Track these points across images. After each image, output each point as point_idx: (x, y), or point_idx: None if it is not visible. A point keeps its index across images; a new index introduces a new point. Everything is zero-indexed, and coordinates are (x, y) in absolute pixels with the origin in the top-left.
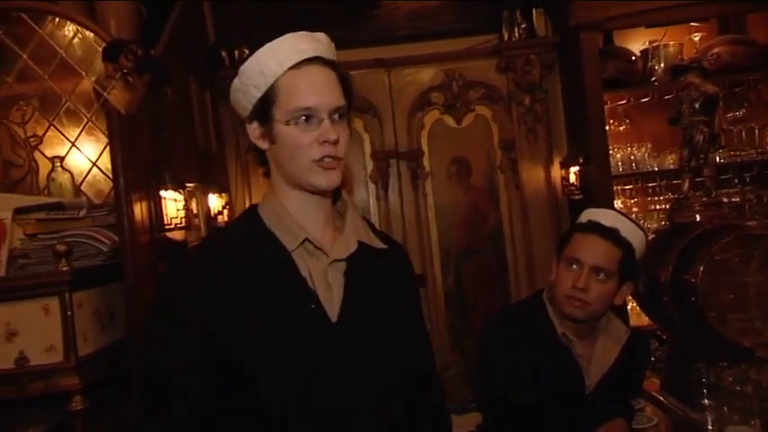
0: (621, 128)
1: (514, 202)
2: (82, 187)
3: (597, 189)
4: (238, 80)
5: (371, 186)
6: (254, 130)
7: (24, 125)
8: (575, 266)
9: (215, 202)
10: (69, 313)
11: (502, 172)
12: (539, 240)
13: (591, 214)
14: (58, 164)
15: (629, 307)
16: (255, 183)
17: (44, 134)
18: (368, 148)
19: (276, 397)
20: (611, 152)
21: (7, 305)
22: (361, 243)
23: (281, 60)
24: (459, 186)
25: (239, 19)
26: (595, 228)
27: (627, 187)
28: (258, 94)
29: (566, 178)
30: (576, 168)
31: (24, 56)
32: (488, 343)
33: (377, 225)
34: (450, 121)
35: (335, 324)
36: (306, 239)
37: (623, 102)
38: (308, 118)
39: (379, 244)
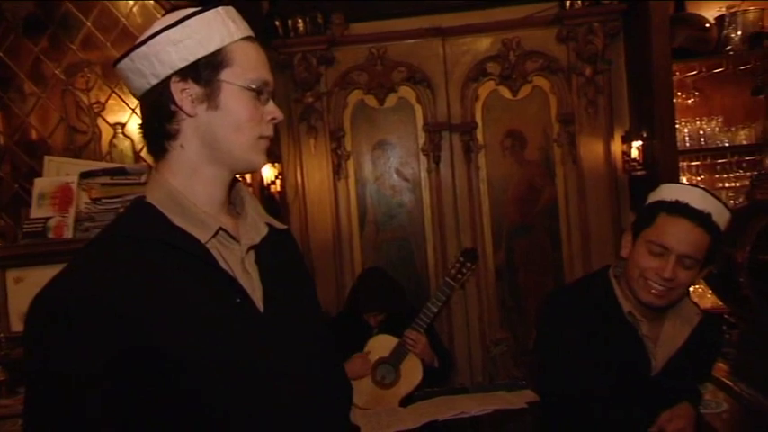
0: (690, 101)
1: (571, 178)
2: (141, 153)
3: (661, 165)
4: (177, 32)
5: (423, 159)
6: (184, 89)
7: (88, 92)
8: (658, 251)
9: (268, 171)
10: None
11: (559, 146)
12: (595, 218)
13: (676, 192)
14: (120, 130)
15: (691, 289)
16: (307, 153)
17: (106, 101)
18: (420, 120)
19: (216, 396)
20: (677, 126)
21: None
22: (269, 226)
23: (234, 28)
24: (513, 160)
25: None
26: (685, 211)
27: (694, 164)
28: (203, 53)
29: (627, 153)
30: (639, 143)
31: (88, 23)
32: (548, 320)
33: (427, 198)
34: (505, 92)
35: (263, 314)
36: (220, 229)
37: (693, 73)
38: (261, 92)
39: (279, 225)
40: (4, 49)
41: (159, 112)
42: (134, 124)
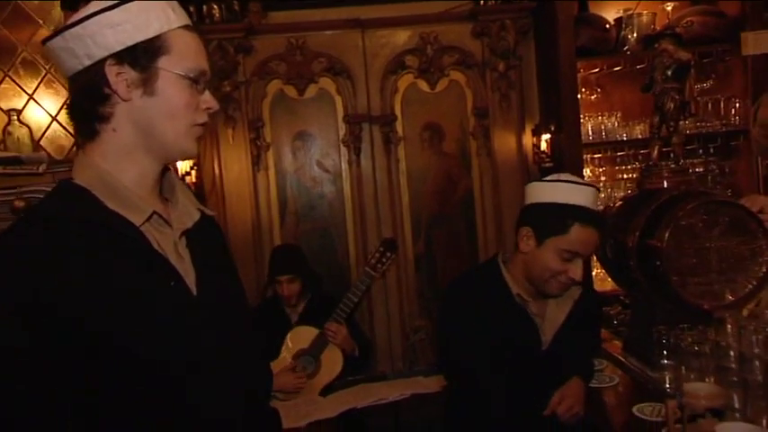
0: (593, 97)
1: (486, 170)
2: (41, 142)
3: (567, 157)
4: (116, 14)
5: (344, 150)
6: (119, 73)
7: None
8: (568, 257)
9: (182, 162)
10: None
11: (474, 139)
12: (509, 208)
13: (577, 196)
14: (15, 117)
15: (593, 273)
16: (224, 143)
17: None
18: (341, 111)
19: (147, 376)
20: (582, 121)
21: None
22: (201, 211)
23: (177, 14)
24: (431, 152)
25: None
26: (594, 220)
27: (596, 156)
28: (141, 38)
29: (537, 146)
30: (548, 136)
31: None
32: (446, 309)
33: (348, 189)
34: (424, 85)
35: (197, 297)
36: (154, 212)
37: (596, 70)
38: (197, 80)
39: (209, 211)
40: None
41: (92, 93)
42: (32, 111)
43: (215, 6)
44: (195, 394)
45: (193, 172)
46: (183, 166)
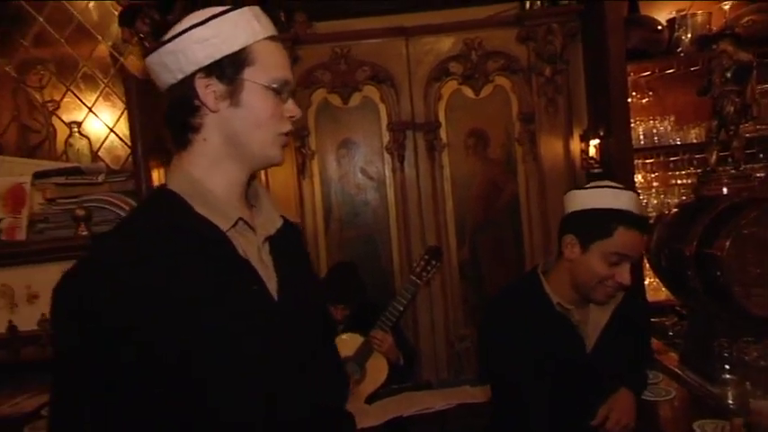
0: (644, 100)
1: (532, 176)
2: (99, 153)
3: (617, 163)
4: (204, 30)
5: (387, 158)
6: (208, 86)
7: (42, 90)
8: (616, 261)
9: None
10: None
11: (520, 144)
12: (555, 215)
13: (623, 201)
14: (76, 129)
15: (646, 282)
16: None
17: (61, 99)
18: (384, 119)
19: (225, 380)
20: (632, 125)
21: (28, 268)
22: (284, 218)
23: (261, 26)
24: (476, 159)
25: None
26: (639, 223)
27: (648, 161)
28: (227, 51)
29: (585, 151)
30: (596, 141)
31: (41, 19)
32: (488, 323)
33: (392, 196)
34: (468, 91)
35: (278, 303)
36: (240, 219)
37: (647, 73)
38: (281, 91)
39: (292, 219)
40: None
41: (184, 105)
42: (91, 123)
43: None
44: (268, 397)
45: None
46: None
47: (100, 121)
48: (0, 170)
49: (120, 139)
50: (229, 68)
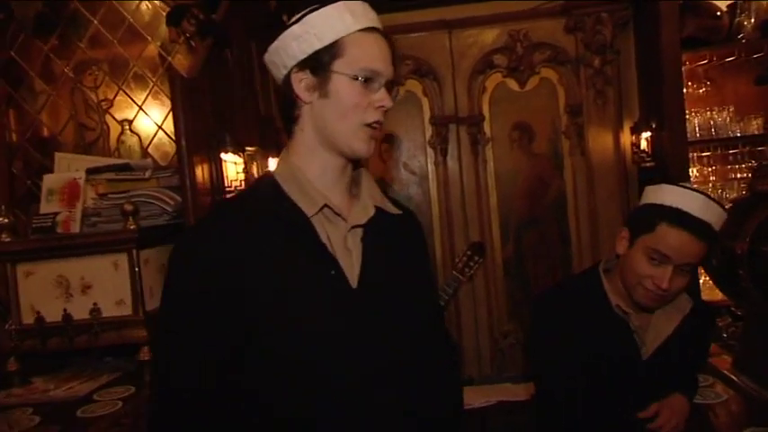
0: (701, 90)
1: (580, 170)
2: (149, 149)
3: (671, 156)
4: (299, 27)
5: (430, 152)
6: (301, 79)
7: (96, 89)
8: (656, 260)
9: (275, 165)
10: (137, 269)
11: (567, 138)
12: (605, 211)
13: (678, 198)
14: (127, 127)
15: (701, 281)
16: None
17: (114, 98)
18: (427, 113)
19: (295, 362)
20: (687, 116)
21: (82, 260)
22: (377, 209)
23: (351, 20)
24: (520, 153)
25: None
26: (687, 222)
27: (704, 154)
28: (319, 45)
29: (636, 144)
30: (648, 134)
31: (95, 21)
32: (537, 322)
33: (434, 191)
34: (513, 84)
35: (356, 290)
36: (325, 205)
37: (704, 62)
38: (370, 80)
39: (393, 209)
40: (15, 48)
41: (286, 98)
42: (141, 121)
43: None
44: (335, 378)
45: None
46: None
47: (149, 119)
48: (59, 166)
49: (168, 135)
50: (320, 61)
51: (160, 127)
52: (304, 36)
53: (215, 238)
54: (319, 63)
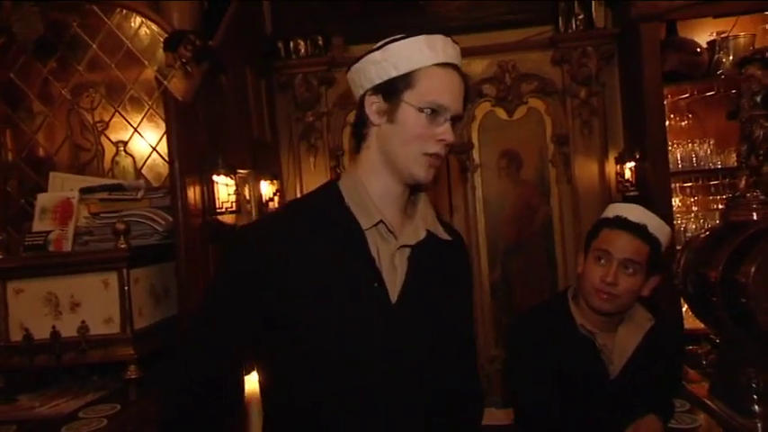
0: (683, 123)
1: (566, 198)
2: (142, 171)
3: (654, 186)
4: (379, 54)
5: None
6: (373, 103)
7: (92, 111)
8: (603, 260)
9: (266, 188)
10: (126, 288)
11: (554, 166)
12: None
13: (618, 209)
14: (122, 148)
15: (683, 309)
16: (306, 171)
17: (110, 120)
18: None
19: (322, 361)
20: (670, 148)
21: (72, 278)
22: (428, 232)
23: (429, 54)
24: (508, 180)
25: (295, 12)
26: (624, 224)
27: (687, 185)
28: (395, 74)
29: (621, 174)
30: (632, 164)
31: (94, 45)
32: (511, 343)
33: None
34: (501, 113)
35: (394, 305)
36: (380, 221)
37: (686, 96)
38: (435, 113)
39: (444, 235)
40: (15, 70)
41: (359, 116)
42: (136, 142)
43: (301, 42)
44: (362, 392)
45: (276, 198)
46: (266, 192)
47: (144, 141)
48: (53, 186)
49: (162, 157)
50: (393, 89)
51: (154, 149)
52: (382, 63)
53: (270, 232)
54: (392, 90)
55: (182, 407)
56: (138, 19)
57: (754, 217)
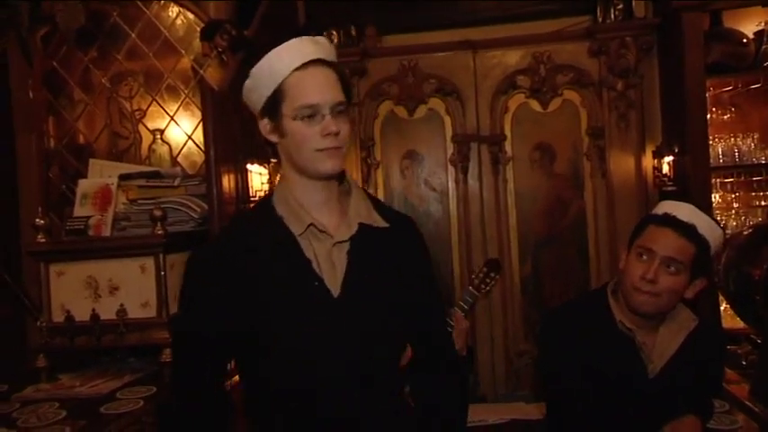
0: (726, 116)
1: (600, 192)
2: (178, 158)
3: (693, 181)
4: (250, 81)
5: (451, 169)
6: (265, 125)
7: (131, 100)
8: (645, 257)
9: None
10: (163, 273)
11: (588, 160)
12: (624, 233)
13: (667, 207)
14: (159, 136)
15: (722, 308)
16: None
17: (147, 108)
18: (449, 131)
19: (283, 368)
20: (711, 142)
21: (111, 262)
22: (361, 224)
23: (288, 63)
24: (541, 173)
25: (328, 2)
26: (671, 222)
27: (728, 180)
28: (267, 93)
29: (658, 168)
30: (671, 158)
31: (133, 35)
32: (545, 337)
33: (454, 208)
34: (535, 105)
35: (336, 299)
36: (311, 224)
37: (729, 88)
38: (312, 114)
39: (380, 223)
40: (57, 58)
41: (263, 138)
42: (172, 131)
43: (334, 32)
44: (318, 383)
45: None
46: None
47: (180, 129)
48: (92, 172)
49: (197, 145)
50: (272, 108)
51: (190, 137)
52: (255, 89)
53: (220, 253)
54: (272, 110)
55: (176, 415)
56: (176, 8)
57: None
